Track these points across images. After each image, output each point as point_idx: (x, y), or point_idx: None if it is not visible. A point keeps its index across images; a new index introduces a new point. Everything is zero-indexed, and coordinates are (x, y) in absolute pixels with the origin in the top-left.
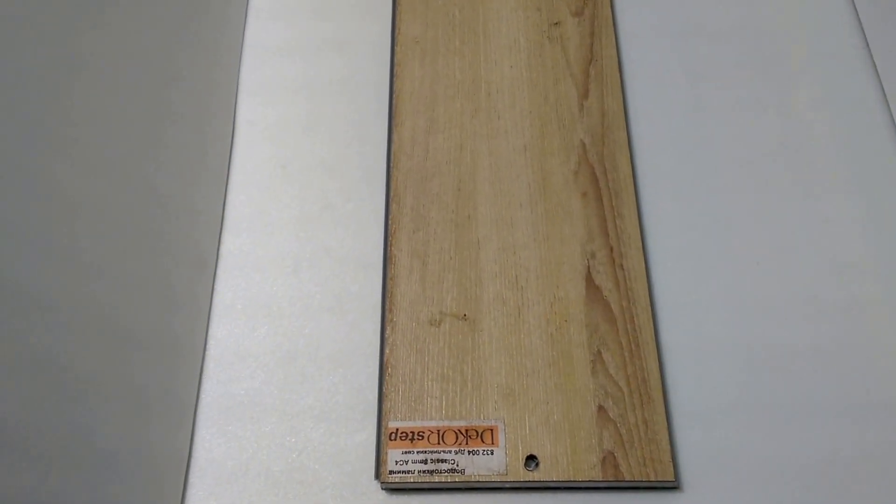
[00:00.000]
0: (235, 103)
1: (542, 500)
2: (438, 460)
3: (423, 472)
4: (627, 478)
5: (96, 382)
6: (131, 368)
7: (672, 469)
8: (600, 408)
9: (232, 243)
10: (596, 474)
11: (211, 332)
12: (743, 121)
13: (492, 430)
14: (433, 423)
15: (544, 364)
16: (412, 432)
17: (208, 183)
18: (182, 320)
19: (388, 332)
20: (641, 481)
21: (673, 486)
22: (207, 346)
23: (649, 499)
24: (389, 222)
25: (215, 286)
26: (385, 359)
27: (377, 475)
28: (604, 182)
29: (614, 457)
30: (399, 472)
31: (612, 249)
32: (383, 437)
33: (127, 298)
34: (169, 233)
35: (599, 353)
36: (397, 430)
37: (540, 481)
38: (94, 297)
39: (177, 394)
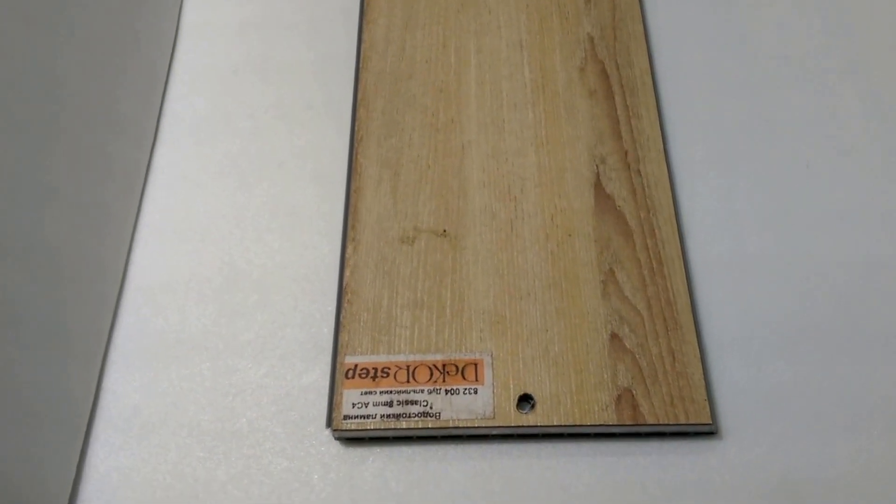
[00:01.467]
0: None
1: (539, 452)
2: (407, 402)
3: (388, 416)
4: (650, 420)
5: None
6: (28, 295)
7: (708, 409)
8: (613, 336)
9: (165, 156)
10: (609, 417)
11: (133, 256)
12: (780, 7)
13: (476, 364)
14: (401, 358)
15: (543, 286)
16: (374, 369)
17: (140, 87)
18: (96, 242)
19: (348, 251)
20: (668, 425)
21: (709, 431)
22: (128, 273)
23: (679, 448)
24: (356, 129)
25: (142, 205)
26: (344, 283)
27: (329, 422)
28: (616, 79)
29: (632, 395)
30: (356, 417)
31: (626, 153)
32: (338, 376)
33: (32, 213)
34: (86, 142)
35: (612, 271)
36: (356, 366)
37: (537, 427)
38: None
39: (84, 326)
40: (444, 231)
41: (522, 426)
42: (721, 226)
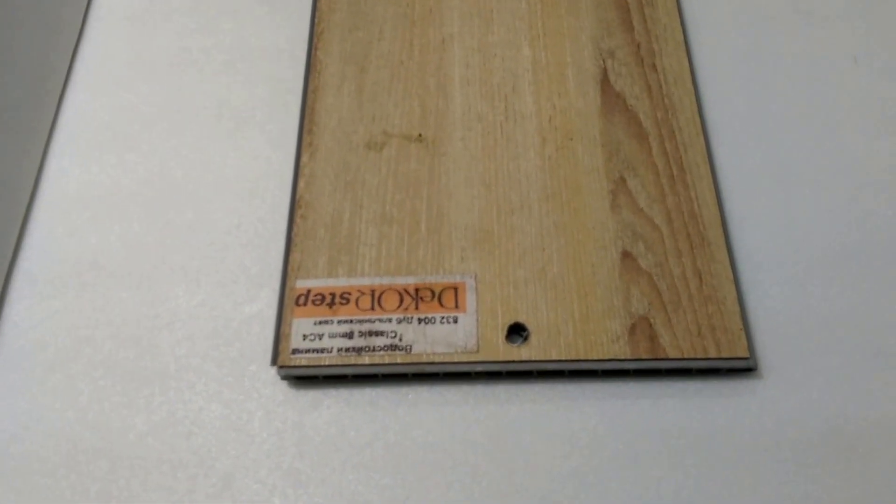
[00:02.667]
0: None
1: (534, 394)
2: (371, 333)
3: (347, 350)
4: (672, 354)
5: None
6: None
7: (744, 341)
8: (626, 255)
9: (90, 51)
10: (620, 350)
11: (46, 167)
12: None
13: (455, 288)
14: (365, 281)
15: (538, 197)
16: (332, 294)
17: None
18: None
19: (304, 159)
20: (695, 360)
21: (746, 368)
22: (39, 187)
23: (709, 388)
24: (315, 21)
25: (61, 107)
26: (297, 195)
27: (275, 359)
28: None
29: (649, 324)
30: (308, 351)
31: (639, 46)
32: (286, 304)
33: None
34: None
35: (622, 180)
36: (308, 291)
37: (531, 362)
38: None
39: None
40: (420, 136)
41: (513, 361)
42: (753, 128)
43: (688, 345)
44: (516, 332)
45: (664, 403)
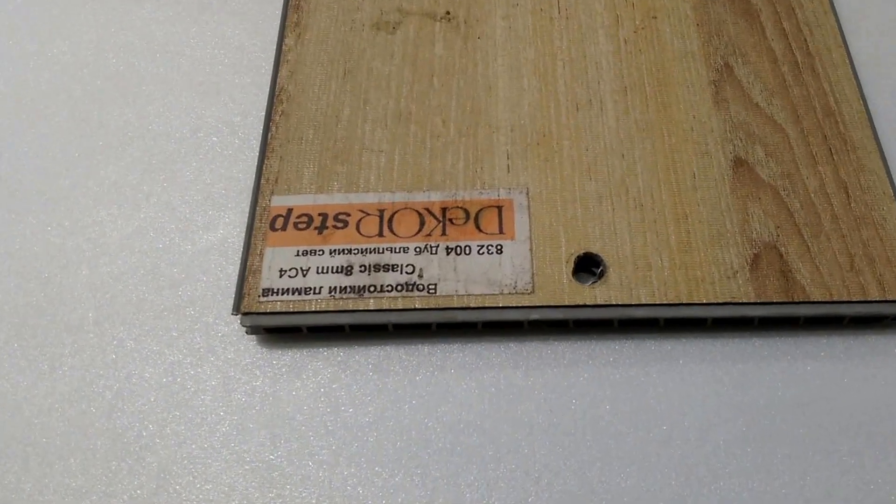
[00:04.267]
0: None
1: (615, 353)
2: (379, 266)
3: (343, 291)
4: (816, 297)
5: None
6: None
7: None
8: (739, 162)
9: None
10: (740, 291)
11: None
12: None
13: (499, 206)
14: (370, 198)
15: (613, 89)
16: (322, 216)
17: None
18: None
19: (288, 42)
20: (849, 303)
21: None
22: None
23: (870, 344)
24: None
25: None
26: (278, 86)
27: (237, 306)
28: None
29: (779, 256)
30: (286, 292)
31: None
32: (257, 227)
33: None
34: None
35: (727, 67)
36: (289, 211)
37: (611, 306)
38: None
39: None
40: (448, 14)
41: (586, 306)
42: None
43: (837, 283)
44: (587, 266)
45: (803, 367)
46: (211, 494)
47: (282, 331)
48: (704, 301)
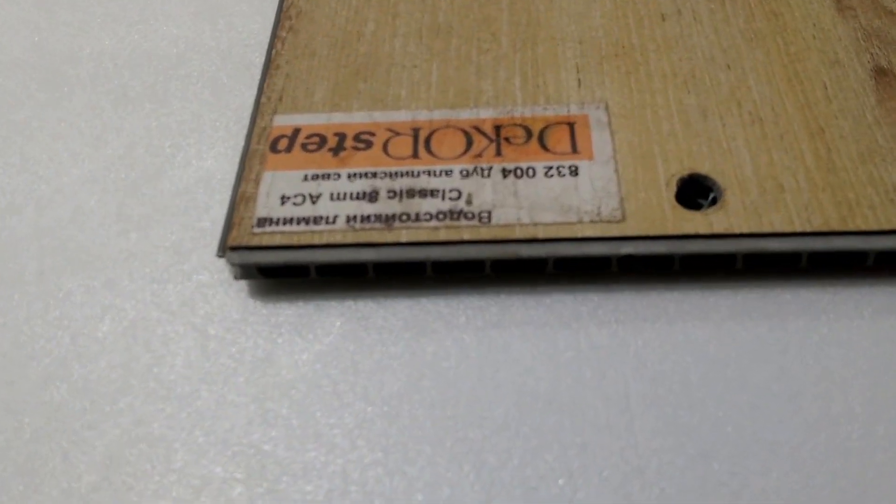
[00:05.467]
0: None
1: (740, 304)
2: (414, 191)
3: (366, 220)
4: None
5: None
6: None
7: None
8: (881, 72)
9: None
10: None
11: None
12: None
13: (571, 123)
14: (401, 116)
15: None
16: (340, 135)
17: None
18: None
19: None
20: None
21: None
22: None
23: None
24: None
25: None
26: (286, 2)
27: (223, 243)
28: None
29: None
30: (290, 221)
31: None
32: (252, 150)
33: None
34: None
35: None
36: (297, 132)
37: (734, 237)
38: None
39: None
40: None
41: (697, 236)
42: None
43: None
44: (695, 193)
45: None
46: (176, 489)
47: (282, 273)
48: (864, 228)
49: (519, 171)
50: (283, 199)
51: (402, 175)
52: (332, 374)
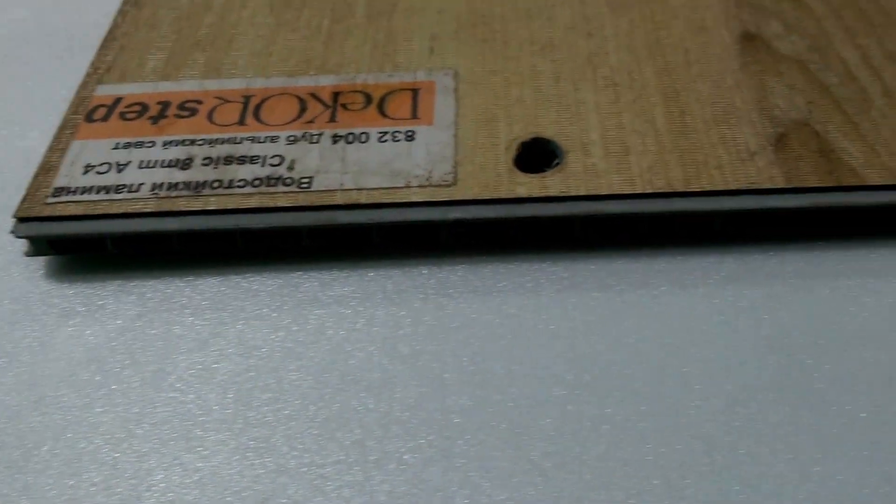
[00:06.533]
0: None
1: (570, 273)
2: (232, 158)
3: (172, 188)
4: (875, 180)
5: None
6: None
7: None
8: (748, 37)
9: None
10: (761, 174)
11: None
12: None
13: (415, 90)
14: (231, 84)
15: None
16: (163, 104)
17: None
18: None
19: None
20: None
21: None
22: None
23: None
24: None
25: None
26: None
27: (20, 211)
28: None
29: (816, 134)
30: (89, 191)
31: None
32: (66, 121)
33: None
34: None
35: None
36: (117, 101)
37: (569, 199)
38: None
39: None
40: None
41: (531, 200)
42: None
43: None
44: (540, 159)
45: (860, 290)
46: None
47: (78, 248)
48: (710, 188)
49: (351, 137)
50: (87, 168)
51: (222, 142)
52: (110, 363)
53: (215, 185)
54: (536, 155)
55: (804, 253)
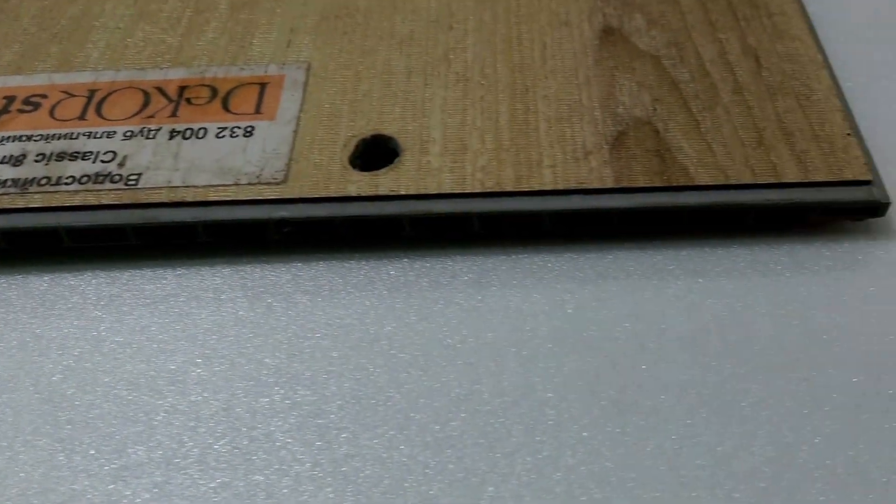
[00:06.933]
0: None
1: (403, 273)
2: (66, 154)
3: (2, 185)
4: (704, 180)
5: None
6: None
7: (859, 154)
8: (609, 31)
9: None
10: (591, 174)
11: None
12: None
13: (263, 84)
14: (81, 77)
15: None
16: (8, 98)
17: None
18: None
19: None
20: (755, 188)
21: (870, 206)
22: None
23: (785, 252)
24: None
25: None
26: None
27: None
28: None
29: (655, 133)
30: None
31: None
32: None
33: None
34: None
35: None
36: None
37: (399, 198)
38: None
39: None
40: None
41: (358, 199)
42: None
43: (736, 162)
44: (382, 156)
45: (688, 289)
46: None
47: None
48: (539, 188)
49: (188, 133)
50: None
51: (59, 138)
52: None
53: (43, 182)
54: (375, 153)
55: (636, 252)
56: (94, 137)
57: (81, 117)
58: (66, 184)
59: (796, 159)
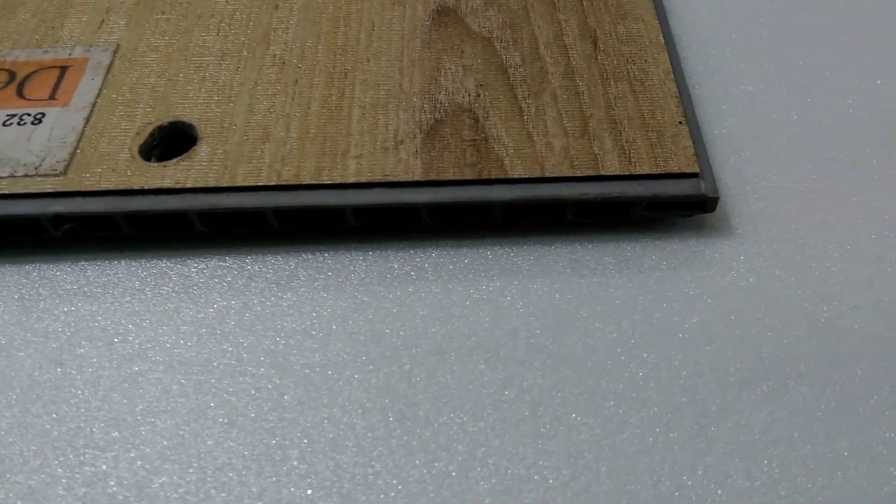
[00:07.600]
0: None
1: (196, 273)
2: None
3: None
4: (519, 173)
5: None
6: None
7: (690, 145)
8: (444, 12)
9: None
10: (395, 167)
11: None
12: None
13: (64, 67)
14: None
15: None
16: None
17: None
18: None
19: None
20: (572, 181)
21: (698, 200)
22: None
23: (609, 252)
24: None
25: None
26: None
27: None
28: None
29: (475, 121)
30: None
31: None
32: None
33: None
34: None
35: None
36: None
37: (186, 191)
38: None
39: None
40: None
41: (141, 192)
42: None
43: (555, 154)
44: (181, 144)
45: (502, 291)
46: None
47: None
48: (340, 181)
49: None
50: None
51: None
52: None
53: None
54: (176, 141)
55: (449, 250)
56: None
57: None
58: None
59: (620, 150)
